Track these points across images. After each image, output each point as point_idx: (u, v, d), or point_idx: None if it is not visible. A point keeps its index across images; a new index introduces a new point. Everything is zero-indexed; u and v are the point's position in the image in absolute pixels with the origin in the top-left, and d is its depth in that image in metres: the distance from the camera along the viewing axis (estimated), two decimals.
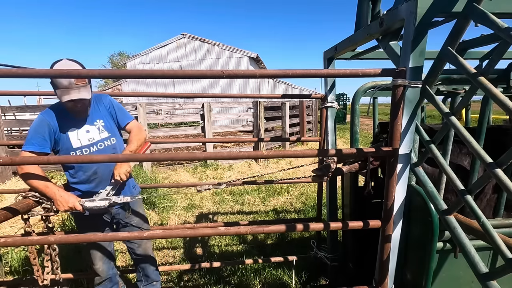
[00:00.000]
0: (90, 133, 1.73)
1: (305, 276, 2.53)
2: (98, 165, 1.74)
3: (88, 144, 1.72)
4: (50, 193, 1.53)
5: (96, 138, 1.74)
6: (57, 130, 1.64)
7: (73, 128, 1.69)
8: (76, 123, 1.70)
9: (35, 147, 1.58)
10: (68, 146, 1.67)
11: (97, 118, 1.77)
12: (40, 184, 1.52)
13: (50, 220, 1.59)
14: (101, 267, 1.86)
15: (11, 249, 2.82)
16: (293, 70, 1.01)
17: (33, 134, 1.59)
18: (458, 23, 1.10)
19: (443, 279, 1.47)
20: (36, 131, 1.60)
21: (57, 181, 5.37)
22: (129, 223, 1.93)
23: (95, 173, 1.74)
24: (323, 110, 2.23)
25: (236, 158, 1.14)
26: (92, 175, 1.74)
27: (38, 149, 1.58)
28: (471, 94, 1.15)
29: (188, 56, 17.33)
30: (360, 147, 1.18)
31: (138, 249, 1.97)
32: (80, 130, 1.70)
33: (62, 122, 1.65)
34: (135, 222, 1.95)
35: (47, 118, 1.63)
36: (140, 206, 2.02)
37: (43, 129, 1.60)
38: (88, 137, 1.72)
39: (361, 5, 1.60)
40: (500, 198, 1.52)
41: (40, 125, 1.61)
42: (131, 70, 1.36)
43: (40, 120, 1.62)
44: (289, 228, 1.19)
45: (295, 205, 4.41)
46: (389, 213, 1.18)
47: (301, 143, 9.07)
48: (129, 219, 1.92)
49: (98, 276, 1.87)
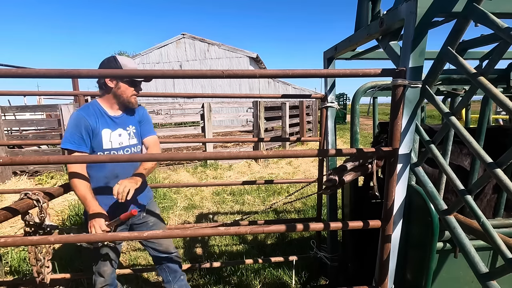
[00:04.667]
0: (122, 137, 1.72)
1: (305, 276, 2.52)
2: (120, 169, 1.72)
3: (117, 147, 1.69)
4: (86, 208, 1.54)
5: (125, 143, 1.73)
6: (94, 128, 1.61)
7: (107, 129, 1.66)
8: (111, 124, 1.68)
9: (72, 145, 1.55)
10: (98, 146, 1.64)
11: (130, 124, 1.76)
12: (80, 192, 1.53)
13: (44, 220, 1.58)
14: (109, 270, 1.80)
15: (11, 249, 2.82)
16: (293, 70, 1.01)
17: (71, 132, 1.56)
18: (458, 23, 1.10)
19: (443, 279, 1.47)
20: (73, 128, 1.56)
21: (57, 181, 5.37)
22: (146, 223, 1.90)
23: (116, 176, 1.69)
24: (323, 110, 2.23)
25: (236, 158, 1.14)
26: (113, 178, 1.69)
27: (75, 147, 1.56)
28: (471, 94, 1.15)
29: (188, 56, 17.33)
30: (360, 147, 1.18)
31: (159, 247, 1.93)
32: (114, 132, 1.68)
33: (98, 121, 1.63)
34: (151, 222, 1.92)
35: (84, 115, 1.60)
36: (155, 206, 2.00)
37: (80, 127, 1.57)
38: (119, 141, 1.71)
39: (361, 5, 1.60)
40: (500, 198, 1.52)
41: (78, 123, 1.57)
42: (131, 70, 1.36)
43: (77, 117, 1.58)
44: (289, 228, 1.19)
45: (295, 205, 4.41)
46: (389, 213, 1.18)
47: (301, 143, 9.07)
48: (145, 219, 1.90)
49: (102, 279, 1.80)
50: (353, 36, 1.69)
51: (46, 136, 7.06)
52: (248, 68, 15.52)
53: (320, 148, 2.46)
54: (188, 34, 17.22)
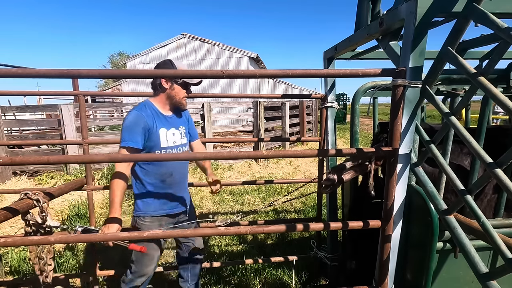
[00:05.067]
0: (175, 136, 1.78)
1: (305, 276, 2.52)
2: (175, 167, 1.77)
3: (172, 146, 1.75)
4: (110, 209, 1.55)
5: (178, 142, 1.79)
6: (151, 128, 1.65)
7: (164, 128, 1.71)
8: (166, 123, 1.73)
9: (133, 144, 1.58)
10: (156, 144, 1.68)
11: (181, 124, 1.84)
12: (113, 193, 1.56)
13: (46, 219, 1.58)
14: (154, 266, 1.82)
15: (11, 249, 2.82)
16: (293, 70, 1.01)
17: (131, 130, 1.59)
18: (458, 23, 1.10)
19: (443, 279, 1.47)
20: (133, 127, 1.60)
21: (57, 181, 5.37)
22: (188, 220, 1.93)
23: (170, 174, 1.76)
24: (323, 110, 2.23)
25: (236, 158, 1.14)
26: (168, 176, 1.75)
27: (135, 145, 1.59)
28: (471, 94, 1.15)
29: (188, 56, 17.33)
30: (360, 147, 1.18)
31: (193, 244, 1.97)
32: (169, 131, 1.74)
33: (155, 121, 1.68)
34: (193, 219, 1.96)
35: (144, 114, 1.64)
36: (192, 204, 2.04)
37: (140, 126, 1.61)
38: (173, 140, 1.76)
39: (361, 5, 1.60)
40: (501, 198, 1.52)
41: (137, 122, 1.61)
42: (131, 70, 1.36)
43: (137, 116, 1.62)
44: (289, 228, 1.19)
45: (295, 205, 4.41)
46: (389, 213, 1.17)
47: (301, 143, 9.06)
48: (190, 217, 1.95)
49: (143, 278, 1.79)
50: (353, 36, 1.69)
51: (46, 136, 7.06)
52: (248, 68, 15.52)
53: (320, 148, 2.46)
54: (188, 34, 17.22)
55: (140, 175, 1.71)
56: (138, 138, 1.60)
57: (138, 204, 1.73)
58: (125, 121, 1.61)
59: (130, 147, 1.58)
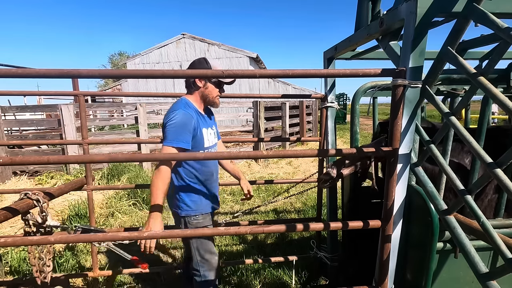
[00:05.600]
0: (212, 135, 1.79)
1: (305, 276, 2.52)
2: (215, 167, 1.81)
3: (210, 145, 1.75)
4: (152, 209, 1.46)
5: (213, 141, 1.80)
6: (196, 127, 1.63)
7: (204, 127, 1.71)
8: (204, 122, 1.73)
9: (184, 144, 1.55)
10: (200, 144, 1.67)
11: (213, 124, 1.86)
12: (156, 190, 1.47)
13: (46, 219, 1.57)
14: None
15: (11, 249, 2.82)
16: (293, 70, 1.01)
17: (182, 130, 1.55)
18: (458, 23, 1.10)
19: (443, 279, 1.47)
20: (183, 127, 1.56)
21: (57, 181, 5.37)
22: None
23: (212, 174, 1.78)
24: (323, 110, 2.23)
25: (236, 158, 1.14)
26: (210, 176, 1.77)
27: (186, 145, 1.56)
28: (471, 94, 1.15)
29: (188, 56, 17.33)
30: (360, 146, 1.18)
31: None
32: (207, 130, 1.74)
33: (198, 120, 1.67)
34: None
35: (191, 113, 1.61)
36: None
37: (189, 125, 1.58)
38: (211, 139, 1.77)
39: (361, 5, 1.60)
40: (501, 198, 1.52)
41: (187, 122, 1.57)
42: (131, 70, 1.36)
43: (186, 115, 1.58)
44: (289, 228, 1.19)
45: (295, 205, 4.41)
46: (389, 213, 1.17)
47: (301, 143, 9.06)
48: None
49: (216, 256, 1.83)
50: (353, 36, 1.69)
51: (46, 136, 7.05)
52: (248, 68, 15.51)
53: (320, 148, 2.46)
54: (188, 34, 17.22)
55: (184, 175, 1.70)
56: (188, 138, 1.57)
57: (187, 203, 1.71)
58: (174, 120, 1.55)
59: (181, 148, 1.54)
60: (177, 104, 1.65)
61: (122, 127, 15.89)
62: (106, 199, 4.26)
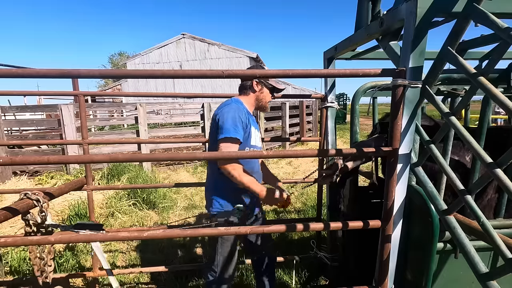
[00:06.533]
0: (258, 136, 1.82)
1: (305, 276, 2.52)
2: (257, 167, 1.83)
3: (255, 145, 1.77)
4: (258, 189, 1.57)
5: (259, 143, 1.83)
6: (247, 124, 1.65)
7: (253, 127, 1.75)
8: (253, 123, 1.76)
9: (240, 136, 1.56)
10: (247, 141, 1.68)
11: (258, 127, 1.87)
12: (252, 183, 1.57)
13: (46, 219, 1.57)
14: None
15: (11, 249, 2.82)
16: (293, 70, 1.01)
17: (237, 123, 1.57)
18: (458, 23, 1.10)
19: (444, 279, 1.47)
20: (238, 120, 1.58)
21: (57, 181, 5.37)
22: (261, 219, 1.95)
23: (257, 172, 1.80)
24: (323, 110, 2.23)
25: (236, 158, 1.14)
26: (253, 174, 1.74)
27: (241, 138, 1.58)
28: (471, 94, 1.15)
29: (188, 56, 17.35)
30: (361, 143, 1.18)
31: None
32: (255, 131, 1.78)
33: (248, 118, 1.69)
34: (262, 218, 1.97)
35: (243, 108, 1.66)
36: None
37: (242, 120, 1.60)
38: (257, 139, 1.80)
39: (361, 5, 1.60)
40: (501, 198, 1.52)
41: (240, 116, 1.60)
42: (131, 70, 1.36)
43: (239, 110, 1.62)
44: (289, 228, 1.19)
45: (295, 205, 4.41)
46: (389, 213, 1.17)
47: (301, 143, 9.06)
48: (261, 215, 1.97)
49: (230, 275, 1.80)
50: (353, 36, 1.69)
51: (46, 136, 7.07)
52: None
53: (320, 148, 2.46)
54: (188, 34, 17.23)
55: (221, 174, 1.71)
56: (242, 131, 1.59)
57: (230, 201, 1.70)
58: (229, 113, 1.58)
59: (238, 139, 1.55)
60: (230, 101, 1.70)
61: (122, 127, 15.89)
62: (106, 199, 4.26)
